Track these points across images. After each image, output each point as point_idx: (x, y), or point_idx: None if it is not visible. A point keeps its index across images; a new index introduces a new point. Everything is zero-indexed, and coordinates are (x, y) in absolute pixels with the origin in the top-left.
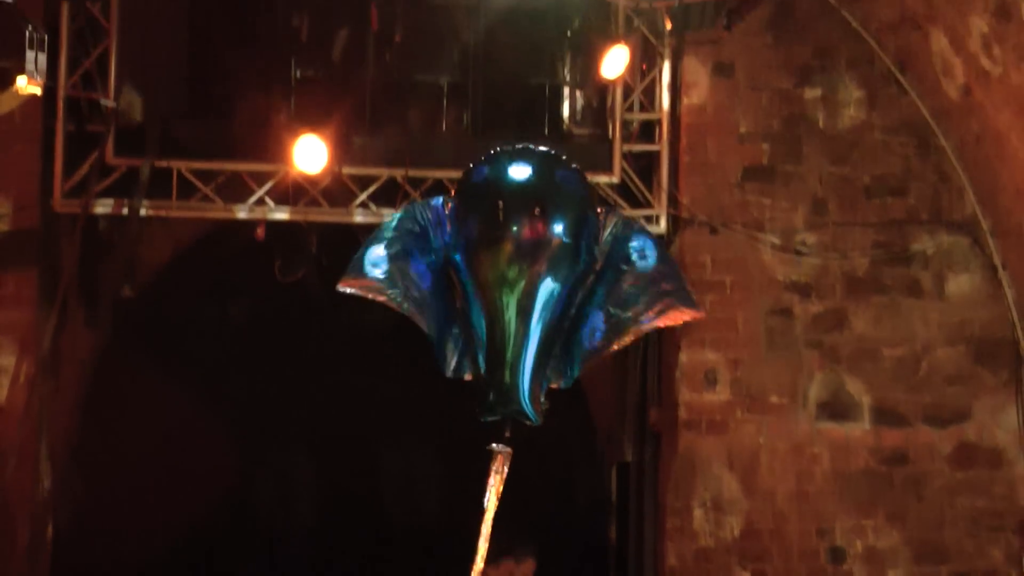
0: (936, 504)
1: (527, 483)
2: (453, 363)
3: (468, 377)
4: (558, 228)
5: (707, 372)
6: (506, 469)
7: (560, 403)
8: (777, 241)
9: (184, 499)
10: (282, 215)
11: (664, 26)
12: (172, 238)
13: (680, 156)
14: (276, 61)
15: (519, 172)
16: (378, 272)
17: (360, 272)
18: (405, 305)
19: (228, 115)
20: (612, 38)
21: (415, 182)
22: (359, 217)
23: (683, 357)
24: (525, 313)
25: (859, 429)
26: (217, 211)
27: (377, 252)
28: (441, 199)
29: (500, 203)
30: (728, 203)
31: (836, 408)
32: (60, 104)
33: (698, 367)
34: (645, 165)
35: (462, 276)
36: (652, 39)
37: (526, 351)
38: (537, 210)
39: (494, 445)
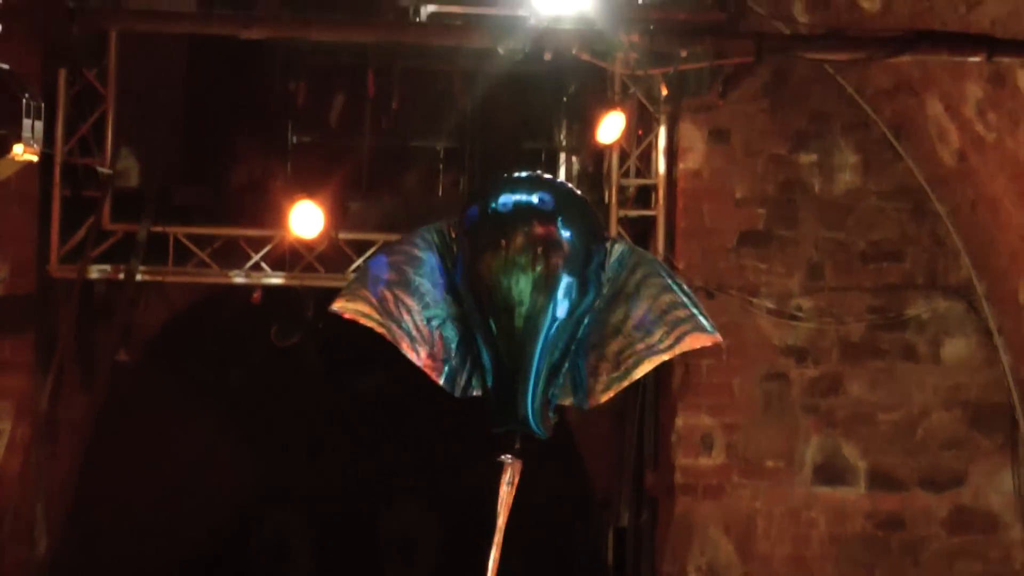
0: (933, 569)
1: (525, 547)
2: (463, 383)
3: (477, 393)
4: (565, 248)
5: (703, 436)
6: (517, 479)
7: (558, 467)
8: (773, 306)
9: (181, 563)
10: (278, 280)
11: (660, 92)
12: (168, 303)
13: (676, 221)
14: (273, 127)
15: (524, 195)
16: (372, 297)
17: (354, 296)
18: (393, 332)
19: (224, 180)
20: (608, 104)
21: None
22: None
23: (679, 421)
24: (531, 333)
25: (855, 493)
26: (213, 276)
27: (374, 275)
28: (445, 223)
29: (506, 223)
30: (724, 268)
31: (832, 472)
32: (57, 170)
33: (694, 431)
34: (641, 230)
35: (468, 297)
36: (648, 105)
37: (532, 368)
38: (544, 231)
39: (504, 456)
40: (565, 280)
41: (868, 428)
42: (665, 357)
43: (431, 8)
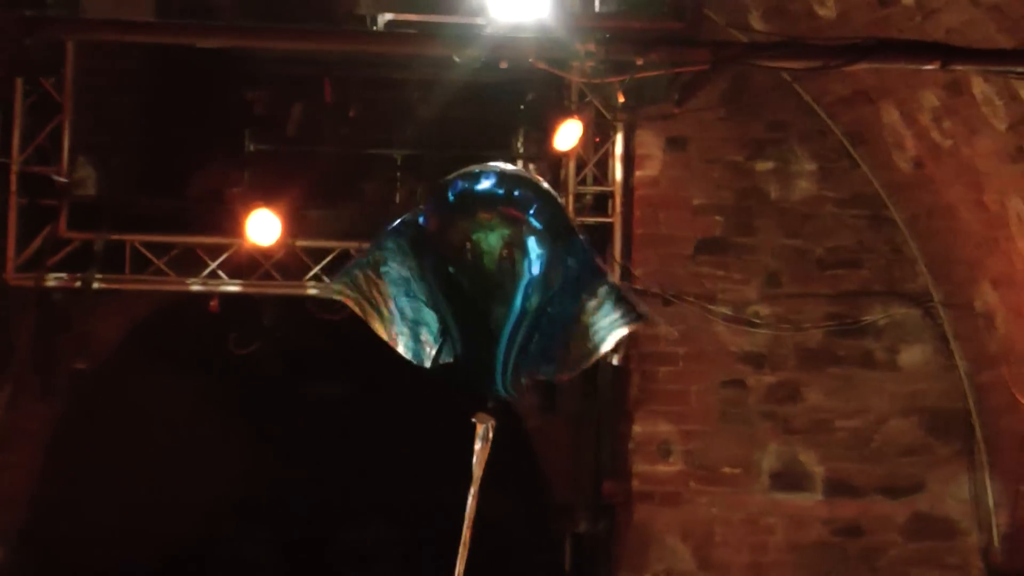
0: (891, 575)
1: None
2: (433, 353)
3: (448, 360)
4: (533, 227)
5: (661, 444)
6: (491, 436)
7: (516, 474)
8: (730, 313)
9: (138, 572)
10: (235, 288)
11: (617, 100)
12: (126, 311)
13: (633, 228)
14: (230, 135)
15: (493, 180)
16: (347, 278)
17: (339, 279)
18: (365, 308)
19: (182, 189)
20: (565, 112)
21: None
22: (312, 290)
23: (637, 428)
24: (500, 306)
25: (813, 500)
26: (170, 284)
27: (355, 262)
28: (412, 212)
29: (476, 202)
30: (681, 275)
31: (790, 479)
32: (13, 178)
33: (652, 439)
34: (598, 237)
35: (435, 274)
36: (605, 113)
37: (503, 334)
38: (511, 211)
39: (478, 414)
40: (534, 257)
41: (826, 435)
42: (626, 330)
43: (388, 17)
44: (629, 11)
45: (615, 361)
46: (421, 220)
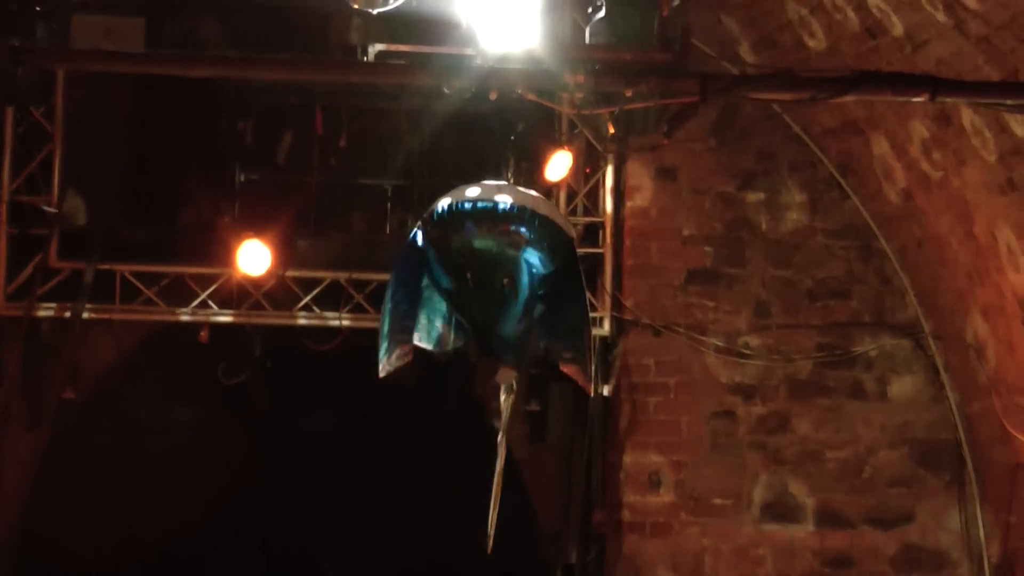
0: None
1: None
2: (452, 339)
3: (461, 343)
4: (530, 231)
5: (651, 474)
6: (515, 387)
7: (506, 504)
8: (720, 344)
9: None
10: (225, 318)
11: (607, 131)
12: (115, 341)
13: (624, 259)
14: (220, 165)
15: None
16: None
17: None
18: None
19: (172, 218)
20: (556, 143)
21: (359, 285)
22: (302, 320)
23: (627, 459)
24: (509, 284)
25: (803, 531)
26: (160, 314)
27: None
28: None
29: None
30: (671, 306)
31: (780, 510)
32: (3, 208)
33: (642, 469)
34: (589, 267)
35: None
36: (595, 144)
37: (510, 313)
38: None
39: (500, 370)
40: (529, 257)
41: (816, 466)
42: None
43: (379, 47)
44: (619, 42)
45: (605, 391)
46: (419, 241)
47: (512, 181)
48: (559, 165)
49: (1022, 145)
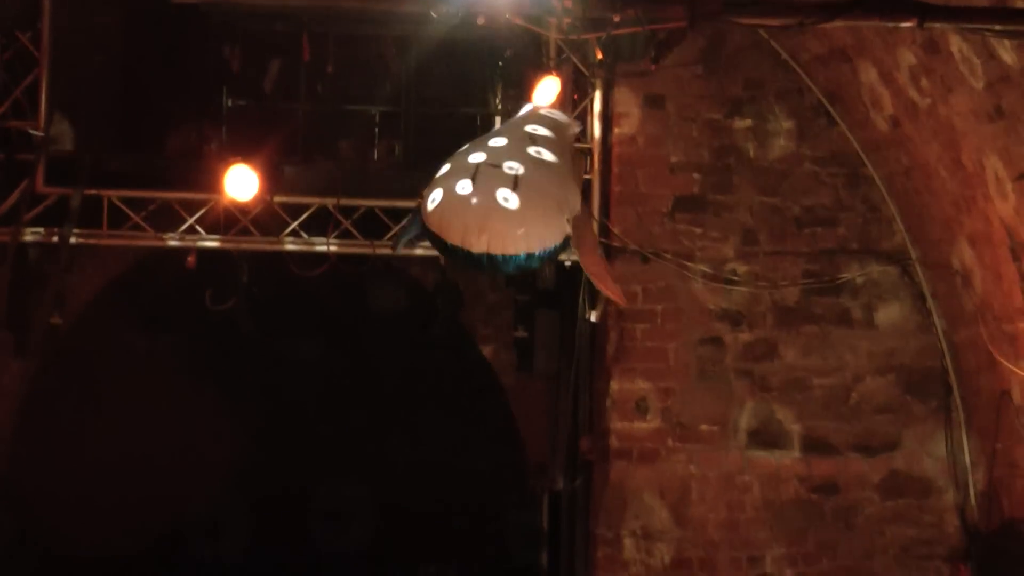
0: (866, 533)
1: (459, 510)
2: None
3: None
4: None
5: (638, 401)
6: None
7: (493, 433)
8: (708, 271)
9: (114, 529)
10: (213, 243)
11: (595, 57)
12: (103, 267)
13: (611, 186)
14: (207, 91)
15: None
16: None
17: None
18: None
19: (159, 145)
20: (543, 69)
21: (346, 211)
22: (290, 245)
23: (614, 386)
24: None
25: (789, 458)
26: (147, 239)
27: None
28: None
29: None
30: (659, 233)
31: (766, 437)
32: None
33: (629, 396)
34: None
35: None
36: (583, 70)
37: None
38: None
39: None
40: None
41: (802, 393)
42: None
43: None
44: None
45: (592, 318)
46: None
47: (500, 107)
48: (547, 91)
49: (1010, 72)
